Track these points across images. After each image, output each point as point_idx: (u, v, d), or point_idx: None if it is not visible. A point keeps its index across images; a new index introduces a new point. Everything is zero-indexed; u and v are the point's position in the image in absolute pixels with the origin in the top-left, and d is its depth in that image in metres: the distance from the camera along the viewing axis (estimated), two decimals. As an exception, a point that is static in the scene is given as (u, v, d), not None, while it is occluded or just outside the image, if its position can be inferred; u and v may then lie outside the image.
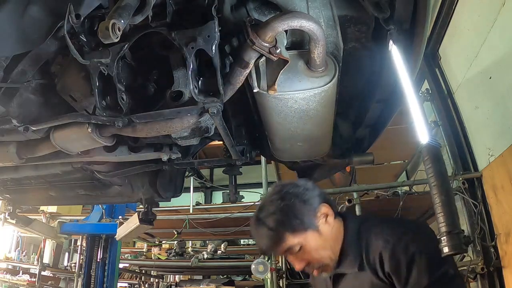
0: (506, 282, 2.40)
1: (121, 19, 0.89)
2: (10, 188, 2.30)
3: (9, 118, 1.35)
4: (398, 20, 1.20)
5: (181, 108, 1.22)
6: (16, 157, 1.56)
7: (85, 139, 1.40)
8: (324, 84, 1.30)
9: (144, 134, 1.35)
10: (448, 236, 0.89)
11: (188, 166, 2.11)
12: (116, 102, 1.22)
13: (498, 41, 2.34)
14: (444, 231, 0.90)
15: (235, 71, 1.19)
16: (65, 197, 2.45)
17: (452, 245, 0.89)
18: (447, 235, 0.89)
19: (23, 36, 1.07)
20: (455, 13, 2.86)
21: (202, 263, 6.22)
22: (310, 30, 1.14)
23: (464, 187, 2.75)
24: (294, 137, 1.55)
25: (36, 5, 1.07)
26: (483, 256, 2.54)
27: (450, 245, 0.89)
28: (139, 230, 2.89)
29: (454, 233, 0.89)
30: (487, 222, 2.60)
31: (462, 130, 2.94)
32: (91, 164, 1.89)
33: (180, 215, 6.48)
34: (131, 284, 8.53)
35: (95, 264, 5.07)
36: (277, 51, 1.15)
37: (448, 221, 0.90)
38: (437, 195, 0.93)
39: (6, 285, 6.49)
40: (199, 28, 1.11)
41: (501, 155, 2.38)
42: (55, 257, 7.07)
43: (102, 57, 1.12)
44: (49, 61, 1.29)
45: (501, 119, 2.39)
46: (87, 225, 5.38)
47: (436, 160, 0.98)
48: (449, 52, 3.11)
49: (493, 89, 2.45)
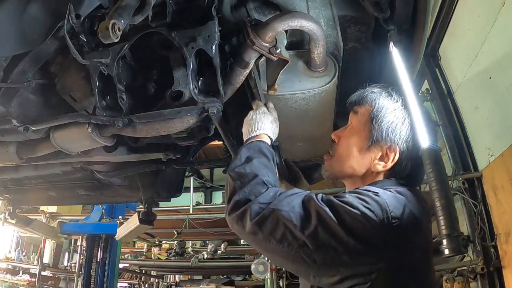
0: (506, 282, 2.40)
1: (121, 19, 0.89)
2: (10, 188, 2.31)
3: (9, 118, 1.35)
4: (398, 20, 1.20)
5: (181, 108, 1.22)
6: (16, 157, 1.56)
7: (85, 139, 1.40)
8: (324, 84, 1.31)
9: (144, 134, 1.35)
10: (448, 239, 0.92)
11: (188, 166, 2.11)
12: (116, 102, 1.22)
13: (498, 41, 2.34)
14: (445, 233, 0.92)
15: (235, 71, 1.20)
16: (65, 197, 2.45)
17: (452, 247, 0.92)
18: (447, 237, 0.92)
19: (23, 36, 1.07)
20: (455, 13, 2.86)
21: (202, 263, 6.22)
22: (310, 30, 1.14)
23: (464, 187, 2.75)
24: (294, 137, 1.55)
25: (36, 5, 1.07)
26: (483, 256, 2.54)
27: (450, 248, 0.92)
28: (139, 230, 2.90)
29: (454, 236, 0.91)
30: (487, 222, 2.59)
31: (462, 130, 2.93)
32: (91, 164, 1.89)
33: (180, 215, 6.49)
34: (131, 284, 8.54)
35: (95, 264, 5.07)
36: (277, 51, 1.15)
37: (448, 224, 0.92)
38: (437, 199, 0.95)
39: (6, 285, 6.49)
40: (199, 28, 1.12)
41: (501, 155, 2.38)
42: (55, 257, 7.08)
43: (102, 57, 1.13)
44: (49, 61, 1.29)
45: (501, 119, 2.38)
46: (87, 225, 5.38)
47: (437, 165, 0.99)
48: (449, 52, 3.11)
49: (493, 89, 2.45)
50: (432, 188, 0.96)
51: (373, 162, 1.12)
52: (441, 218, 0.93)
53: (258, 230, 0.97)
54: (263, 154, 1.14)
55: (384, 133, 1.10)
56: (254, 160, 1.10)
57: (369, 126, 1.13)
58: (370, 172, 1.14)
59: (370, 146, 1.12)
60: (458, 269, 2.77)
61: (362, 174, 1.16)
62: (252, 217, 0.97)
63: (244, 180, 1.06)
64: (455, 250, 0.92)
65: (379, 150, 1.12)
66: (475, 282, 2.63)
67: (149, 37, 1.22)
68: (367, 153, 1.14)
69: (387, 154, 1.10)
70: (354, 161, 1.16)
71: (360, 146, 1.15)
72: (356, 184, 1.17)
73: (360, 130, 1.16)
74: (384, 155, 1.11)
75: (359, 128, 1.16)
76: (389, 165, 1.10)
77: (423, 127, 1.05)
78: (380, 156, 1.12)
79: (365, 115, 1.16)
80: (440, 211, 0.93)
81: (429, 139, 1.02)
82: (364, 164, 1.15)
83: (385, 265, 0.90)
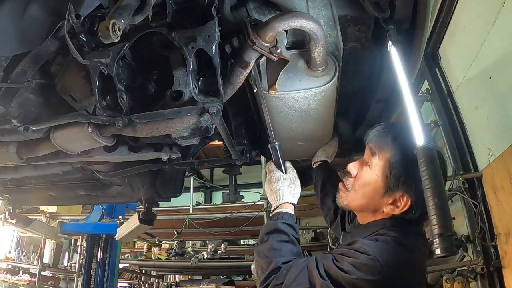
0: (506, 282, 2.40)
1: (121, 19, 0.89)
2: (10, 188, 2.31)
3: (9, 118, 1.35)
4: (398, 20, 1.20)
5: (181, 108, 1.22)
6: (16, 157, 1.56)
7: (85, 139, 1.40)
8: (324, 83, 1.31)
9: (144, 134, 1.35)
10: (440, 239, 0.89)
11: (188, 166, 2.11)
12: (116, 102, 1.22)
13: (498, 41, 2.34)
14: (437, 233, 0.90)
15: (235, 71, 1.19)
16: (65, 197, 2.45)
17: (444, 247, 0.89)
18: (439, 237, 0.90)
19: (23, 36, 1.07)
20: (455, 13, 2.86)
21: (202, 263, 6.22)
22: (310, 30, 1.14)
23: (464, 187, 2.75)
24: (294, 136, 1.55)
25: (36, 5, 1.07)
26: (483, 256, 2.54)
27: (442, 247, 0.89)
28: (139, 230, 2.90)
29: (446, 236, 0.89)
30: (487, 222, 2.59)
31: (462, 130, 2.93)
32: (91, 164, 1.89)
33: (180, 215, 6.49)
34: (131, 284, 8.54)
35: (95, 264, 5.08)
36: (277, 51, 1.15)
37: (441, 224, 0.90)
38: (430, 198, 0.93)
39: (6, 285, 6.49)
40: (199, 28, 1.11)
41: (501, 155, 2.38)
42: (55, 257, 7.08)
43: (102, 57, 1.12)
44: (49, 61, 1.29)
45: (501, 119, 2.38)
46: (87, 225, 5.39)
47: (431, 163, 0.98)
48: (449, 52, 3.11)
49: (493, 89, 2.45)
50: (426, 187, 0.95)
51: (386, 205, 1.24)
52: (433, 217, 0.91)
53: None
54: (280, 231, 1.31)
55: (399, 182, 1.20)
56: (273, 241, 1.29)
57: (385, 173, 1.23)
58: (382, 211, 1.26)
59: (385, 192, 1.23)
60: (458, 269, 2.76)
61: (373, 211, 1.29)
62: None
63: (264, 266, 1.25)
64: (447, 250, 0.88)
65: (392, 196, 1.22)
66: (475, 282, 2.63)
67: (149, 37, 1.22)
68: (380, 197, 1.25)
69: (400, 201, 1.21)
70: (368, 200, 1.28)
71: (376, 189, 1.25)
72: (367, 217, 1.32)
73: (377, 174, 1.25)
74: (397, 200, 1.21)
75: (376, 172, 1.26)
76: (399, 212, 1.21)
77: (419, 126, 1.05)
78: (393, 201, 1.22)
79: (383, 160, 1.25)
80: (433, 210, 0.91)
81: (424, 137, 1.02)
82: (376, 205, 1.27)
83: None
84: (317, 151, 1.80)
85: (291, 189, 1.43)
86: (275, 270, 1.21)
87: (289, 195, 1.42)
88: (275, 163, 1.49)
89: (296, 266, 1.19)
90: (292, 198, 1.42)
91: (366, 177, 1.28)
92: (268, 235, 1.32)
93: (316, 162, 1.79)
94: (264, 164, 4.72)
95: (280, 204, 1.41)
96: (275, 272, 1.21)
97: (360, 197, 1.30)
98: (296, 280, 1.15)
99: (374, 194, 1.26)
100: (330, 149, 1.80)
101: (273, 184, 1.44)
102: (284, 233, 1.31)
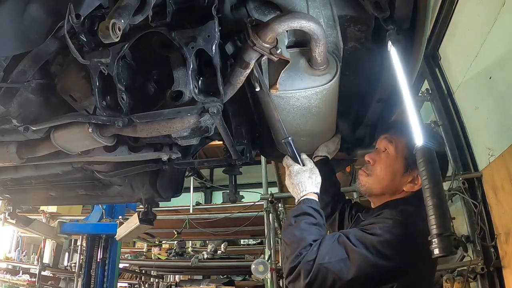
0: (506, 282, 2.40)
1: (121, 19, 0.89)
2: (10, 188, 2.30)
3: (9, 118, 1.35)
4: (398, 20, 1.19)
5: (181, 108, 1.22)
6: (16, 157, 1.56)
7: (85, 139, 1.39)
8: (326, 82, 1.31)
9: (144, 134, 1.34)
10: (438, 238, 0.89)
11: (188, 166, 2.10)
12: (116, 102, 1.22)
13: (498, 41, 2.34)
14: (435, 233, 0.90)
15: (236, 71, 1.19)
16: (65, 197, 2.44)
17: (442, 247, 0.89)
18: (437, 237, 0.89)
19: (23, 36, 1.07)
20: (455, 13, 2.86)
21: (202, 263, 6.22)
22: (310, 30, 1.14)
23: (464, 187, 2.75)
24: (297, 132, 1.55)
25: (36, 5, 1.07)
26: (483, 256, 2.54)
27: (441, 247, 0.89)
28: (139, 230, 2.90)
29: (445, 236, 0.89)
30: (487, 222, 2.60)
31: (462, 130, 2.94)
32: (91, 164, 1.89)
33: (180, 215, 6.49)
34: (131, 284, 8.54)
35: (95, 264, 5.07)
36: (277, 51, 1.15)
37: (439, 224, 0.90)
38: (429, 198, 0.93)
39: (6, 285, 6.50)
40: (199, 28, 1.11)
41: (501, 155, 2.38)
42: (55, 257, 7.08)
43: (102, 57, 1.12)
44: (49, 61, 1.29)
45: (501, 119, 2.39)
46: (87, 225, 5.38)
47: (430, 163, 0.98)
48: (449, 52, 3.11)
49: (493, 89, 2.45)
50: (425, 187, 0.95)
51: (406, 183, 1.41)
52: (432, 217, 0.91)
53: (312, 286, 1.19)
54: (307, 214, 1.35)
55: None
56: (301, 223, 1.32)
57: (405, 155, 1.40)
58: (399, 191, 1.43)
59: (405, 172, 1.41)
60: (458, 269, 2.77)
61: (393, 192, 1.45)
62: (305, 277, 1.19)
63: (293, 246, 1.27)
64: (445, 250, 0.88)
65: (412, 175, 1.40)
66: (475, 282, 2.63)
67: (149, 37, 1.21)
68: (401, 177, 1.42)
69: (418, 178, 1.37)
70: (389, 182, 1.44)
71: (396, 171, 1.42)
72: (383, 199, 1.47)
73: (397, 157, 1.43)
74: (415, 178, 1.39)
75: (396, 155, 1.43)
76: (416, 188, 1.38)
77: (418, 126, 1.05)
78: (412, 179, 1.40)
79: (401, 145, 1.43)
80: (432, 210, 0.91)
81: (423, 138, 1.02)
82: (397, 186, 1.43)
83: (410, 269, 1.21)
84: (319, 146, 1.83)
85: (312, 180, 1.45)
86: (306, 247, 1.24)
87: (311, 185, 1.44)
88: (291, 157, 1.49)
89: (326, 241, 1.24)
90: (315, 188, 1.44)
91: (387, 161, 1.44)
92: (295, 218, 1.34)
93: (316, 156, 1.81)
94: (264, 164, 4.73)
95: (304, 195, 1.43)
96: (306, 249, 1.24)
97: (381, 179, 1.45)
98: (330, 253, 1.20)
99: (395, 175, 1.42)
100: (332, 145, 1.83)
101: (294, 178, 1.45)
102: (312, 216, 1.34)
